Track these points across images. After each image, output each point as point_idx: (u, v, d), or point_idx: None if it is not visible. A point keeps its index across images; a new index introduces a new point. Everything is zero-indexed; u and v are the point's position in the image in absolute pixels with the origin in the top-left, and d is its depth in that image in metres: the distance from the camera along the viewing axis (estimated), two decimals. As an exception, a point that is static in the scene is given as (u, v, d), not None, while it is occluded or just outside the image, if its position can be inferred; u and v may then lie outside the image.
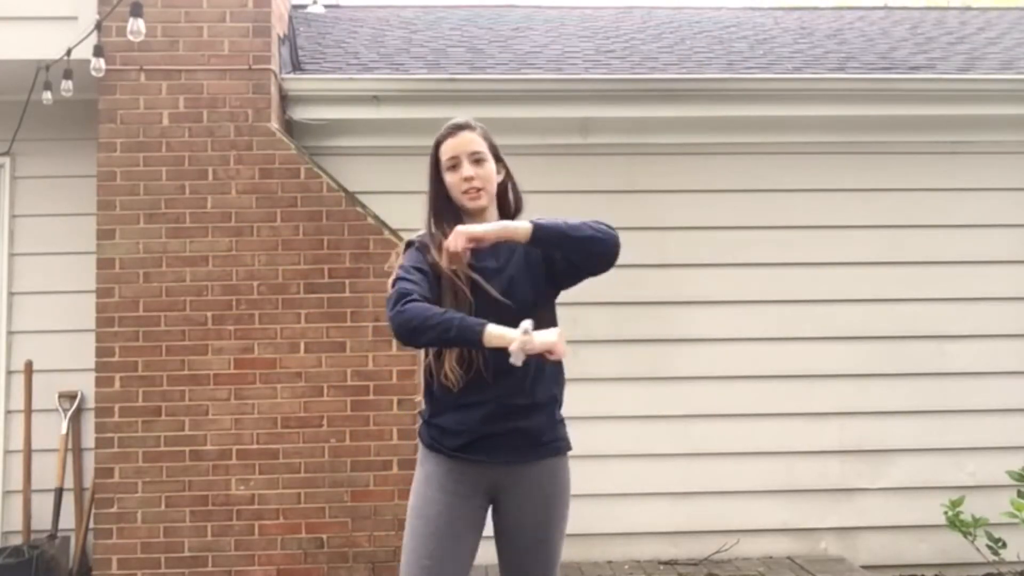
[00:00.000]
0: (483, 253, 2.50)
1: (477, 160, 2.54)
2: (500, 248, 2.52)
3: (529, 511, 2.55)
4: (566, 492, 2.59)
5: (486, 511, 2.59)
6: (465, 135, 2.55)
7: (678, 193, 5.35)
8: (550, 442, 2.56)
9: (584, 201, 5.27)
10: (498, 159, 2.60)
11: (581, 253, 2.46)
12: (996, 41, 6.32)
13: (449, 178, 2.55)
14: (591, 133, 5.30)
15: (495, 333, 2.26)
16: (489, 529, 2.60)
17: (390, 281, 2.47)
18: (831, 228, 5.37)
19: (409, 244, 2.57)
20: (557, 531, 2.58)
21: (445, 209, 2.57)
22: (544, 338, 2.27)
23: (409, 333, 2.33)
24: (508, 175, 2.64)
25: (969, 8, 8.17)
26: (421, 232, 2.60)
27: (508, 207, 2.64)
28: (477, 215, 2.55)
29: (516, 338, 2.25)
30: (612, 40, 6.25)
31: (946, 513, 4.82)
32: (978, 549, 4.77)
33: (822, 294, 5.30)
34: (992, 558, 4.77)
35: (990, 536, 4.75)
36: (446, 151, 2.56)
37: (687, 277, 5.30)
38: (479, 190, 2.53)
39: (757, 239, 5.32)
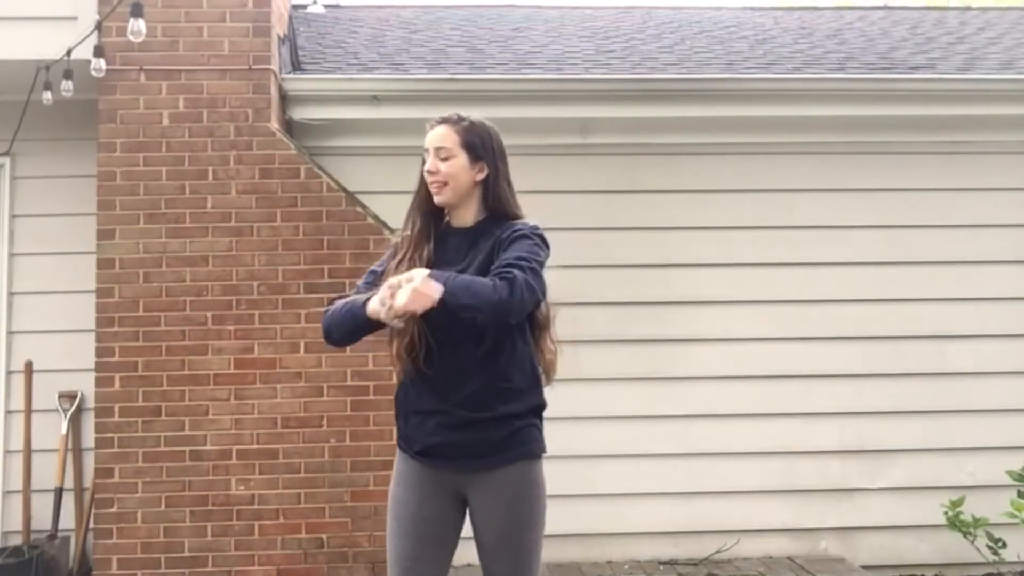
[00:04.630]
0: (447, 253, 2.54)
1: (443, 156, 2.54)
2: (463, 247, 2.54)
3: (494, 513, 2.50)
4: (533, 495, 2.52)
5: (462, 510, 2.57)
6: (438, 130, 2.57)
7: (678, 193, 5.34)
8: (516, 447, 2.50)
9: (584, 201, 5.28)
10: (478, 157, 2.55)
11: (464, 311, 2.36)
12: (996, 41, 6.32)
13: (423, 170, 2.60)
14: (591, 133, 5.30)
15: (371, 305, 2.34)
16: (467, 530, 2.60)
17: None
18: (831, 228, 5.37)
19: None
20: (527, 534, 2.51)
21: (423, 199, 2.60)
22: (403, 296, 2.20)
23: (326, 333, 2.55)
24: (495, 174, 2.57)
25: (969, 8, 8.16)
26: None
27: (490, 206, 2.58)
28: (450, 209, 2.59)
29: (379, 301, 2.27)
30: (612, 40, 6.25)
31: (946, 513, 4.82)
32: (978, 549, 4.77)
33: (822, 294, 5.30)
34: (992, 558, 4.77)
35: (990, 536, 4.75)
36: (425, 142, 2.60)
37: (687, 277, 5.30)
38: (442, 185, 2.54)
39: (757, 239, 5.32)
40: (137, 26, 3.96)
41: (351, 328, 2.49)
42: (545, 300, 2.54)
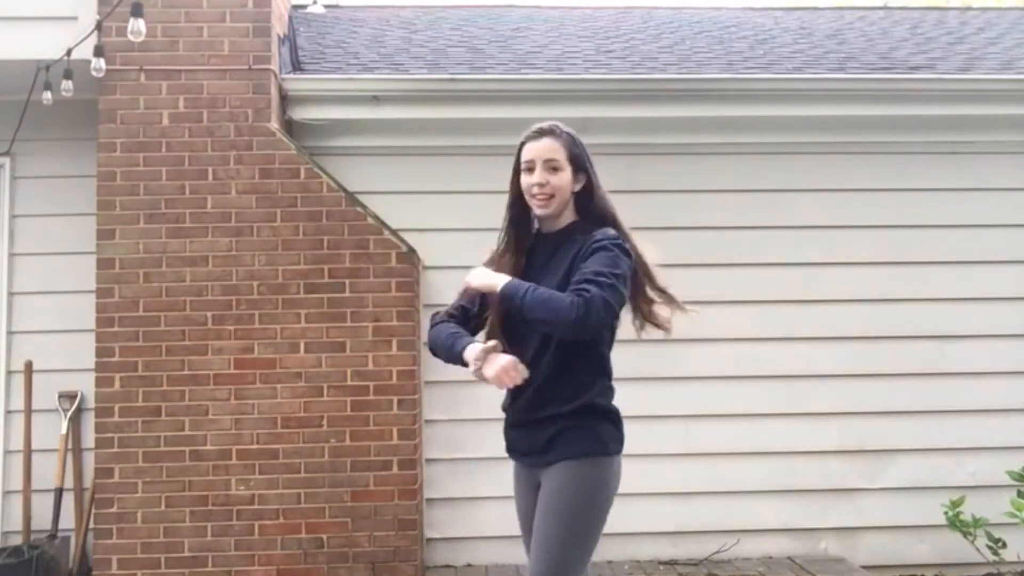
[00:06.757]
0: (536, 258, 2.66)
1: (553, 168, 2.61)
2: (548, 250, 2.64)
3: (540, 501, 2.62)
4: (572, 489, 2.57)
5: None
6: (546, 141, 2.64)
7: (678, 193, 5.34)
8: (560, 447, 2.58)
9: (584, 201, 5.27)
10: (579, 168, 2.66)
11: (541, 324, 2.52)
12: (996, 41, 6.32)
13: (523, 180, 2.64)
14: (591, 133, 5.20)
15: (467, 354, 2.52)
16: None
17: None
18: (831, 228, 5.37)
19: None
20: (556, 524, 2.58)
21: (520, 210, 2.68)
22: (490, 371, 2.45)
23: (431, 349, 2.70)
24: (590, 184, 2.68)
25: (969, 8, 8.17)
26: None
27: (590, 215, 2.69)
28: (548, 219, 2.66)
29: (470, 360, 2.48)
30: (612, 40, 6.25)
31: (946, 513, 4.81)
32: (978, 549, 4.77)
33: (822, 294, 5.30)
34: (992, 558, 4.77)
35: (990, 536, 4.75)
36: (525, 153, 2.65)
37: (687, 277, 5.25)
38: (549, 197, 2.61)
39: (757, 239, 5.32)
40: (137, 26, 3.95)
41: (447, 357, 2.64)
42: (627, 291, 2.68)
